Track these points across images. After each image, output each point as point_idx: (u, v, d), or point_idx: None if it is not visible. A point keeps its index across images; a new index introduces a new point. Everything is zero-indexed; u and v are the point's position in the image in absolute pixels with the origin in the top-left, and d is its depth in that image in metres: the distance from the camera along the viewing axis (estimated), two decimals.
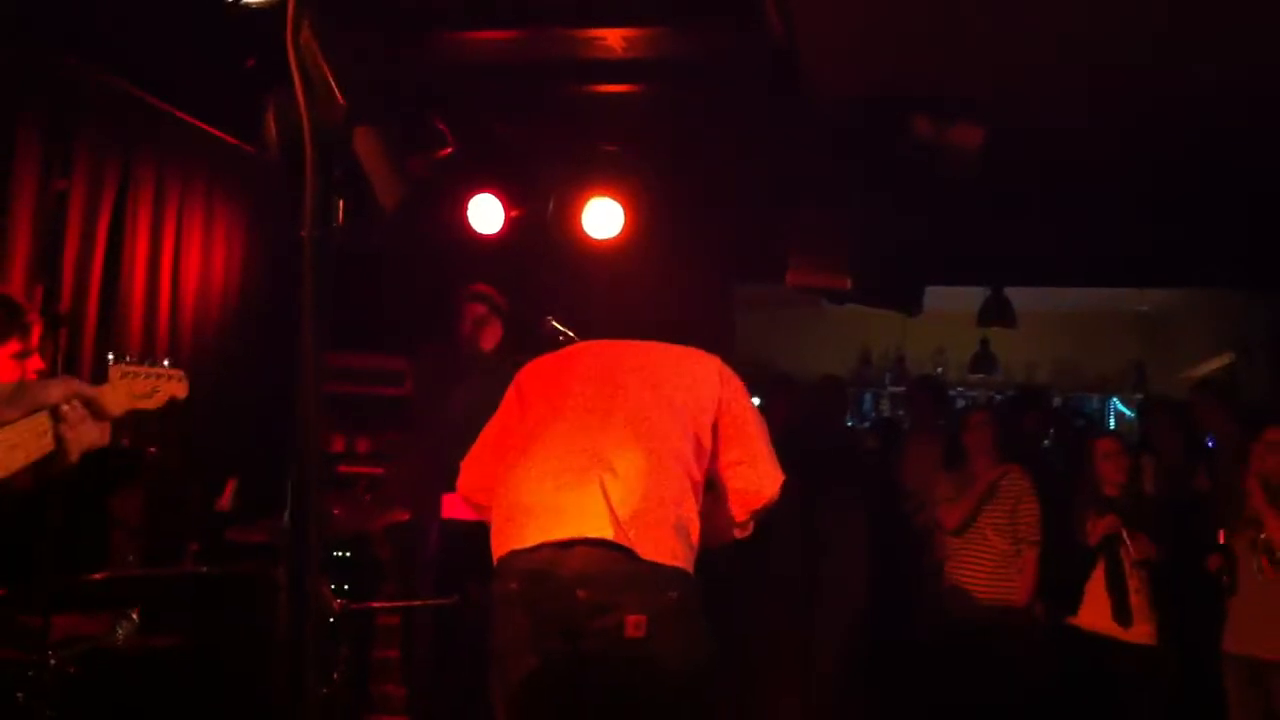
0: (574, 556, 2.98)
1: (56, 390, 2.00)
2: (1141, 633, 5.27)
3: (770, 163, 5.72)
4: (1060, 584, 5.65)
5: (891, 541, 6.13)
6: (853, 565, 5.90)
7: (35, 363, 3.45)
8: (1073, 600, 5.55)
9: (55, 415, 1.96)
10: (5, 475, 1.91)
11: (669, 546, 3.02)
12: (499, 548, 3.12)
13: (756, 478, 3.32)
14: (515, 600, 3.02)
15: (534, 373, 3.50)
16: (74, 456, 2.01)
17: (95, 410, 2.06)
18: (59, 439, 1.97)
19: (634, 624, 2.94)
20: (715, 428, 3.29)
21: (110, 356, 2.31)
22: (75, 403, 2.01)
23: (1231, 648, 4.91)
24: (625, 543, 2.96)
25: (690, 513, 3.13)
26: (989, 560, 5.56)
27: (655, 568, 2.99)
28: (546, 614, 2.98)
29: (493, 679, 3.08)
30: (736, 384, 3.39)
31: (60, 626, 3.51)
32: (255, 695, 4.06)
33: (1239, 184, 5.87)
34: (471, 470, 3.47)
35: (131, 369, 2.33)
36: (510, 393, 3.50)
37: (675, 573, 3.03)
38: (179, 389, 2.47)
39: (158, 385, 2.39)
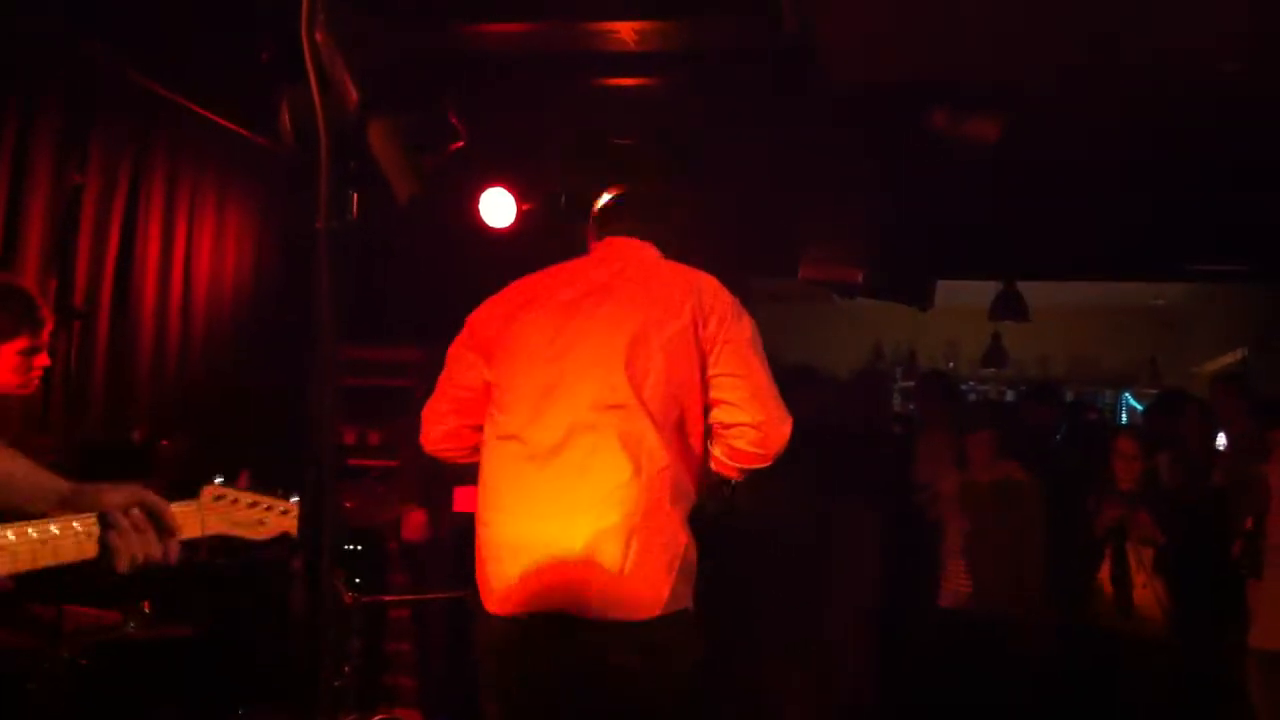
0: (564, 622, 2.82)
1: (118, 495, 1.83)
2: (1149, 627, 5.26)
3: (783, 156, 5.71)
4: (1070, 579, 5.66)
5: (906, 536, 6.12)
6: (863, 563, 5.90)
7: (42, 359, 3.43)
8: (1082, 595, 5.57)
9: (106, 521, 1.79)
10: (28, 569, 1.73)
11: (665, 583, 2.83)
12: (484, 579, 2.95)
13: (753, 420, 2.93)
14: (497, 635, 2.91)
15: (488, 321, 3.15)
16: (122, 567, 1.80)
17: (160, 524, 1.89)
18: (104, 545, 1.79)
19: (623, 649, 2.80)
20: (703, 365, 2.95)
21: (219, 479, 2.16)
22: (135, 511, 1.84)
23: (1256, 643, 4.90)
24: (621, 617, 2.78)
25: (685, 535, 2.92)
26: (993, 556, 5.58)
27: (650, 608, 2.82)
28: (529, 648, 2.86)
29: (485, 702, 2.98)
30: (723, 310, 2.99)
31: (72, 617, 3.53)
32: (268, 685, 4.07)
33: (1254, 179, 5.84)
34: (435, 426, 3.20)
35: (230, 492, 2.19)
36: (461, 345, 3.19)
37: (670, 601, 2.86)
38: (291, 525, 2.30)
39: (265, 517, 2.26)
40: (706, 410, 2.99)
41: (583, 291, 3.07)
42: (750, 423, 2.91)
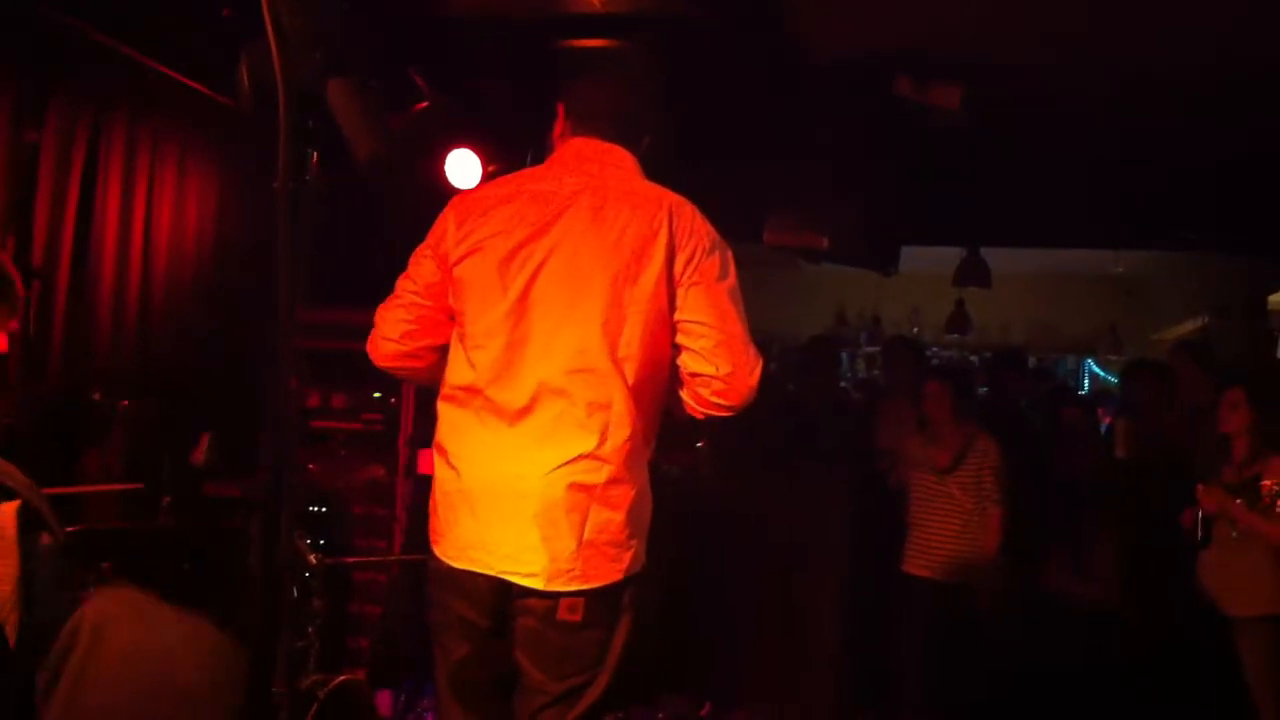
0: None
1: None
2: (1102, 593, 5.34)
3: (748, 120, 5.70)
4: (1033, 546, 5.74)
5: (874, 504, 6.17)
6: (836, 530, 5.95)
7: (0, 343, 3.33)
8: (1038, 561, 5.66)
9: None
10: None
11: (626, 550, 2.78)
12: (436, 526, 2.89)
13: (718, 372, 2.78)
14: (447, 580, 2.84)
15: (455, 243, 2.91)
16: None
17: None
18: None
19: (569, 607, 2.72)
20: (672, 306, 2.80)
21: None
22: None
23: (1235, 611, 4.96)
24: (562, 586, 2.72)
25: (645, 497, 2.85)
26: (956, 519, 5.63)
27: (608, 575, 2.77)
28: (478, 598, 2.79)
29: (435, 653, 2.93)
30: (695, 245, 2.81)
31: None
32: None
33: (1215, 149, 5.88)
34: (390, 342, 3.01)
35: None
36: (427, 257, 2.97)
37: (629, 564, 2.80)
38: None
39: None
40: (674, 349, 2.85)
41: (546, 223, 2.84)
42: (715, 374, 2.77)
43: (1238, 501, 4.77)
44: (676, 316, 2.81)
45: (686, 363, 2.83)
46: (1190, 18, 4.48)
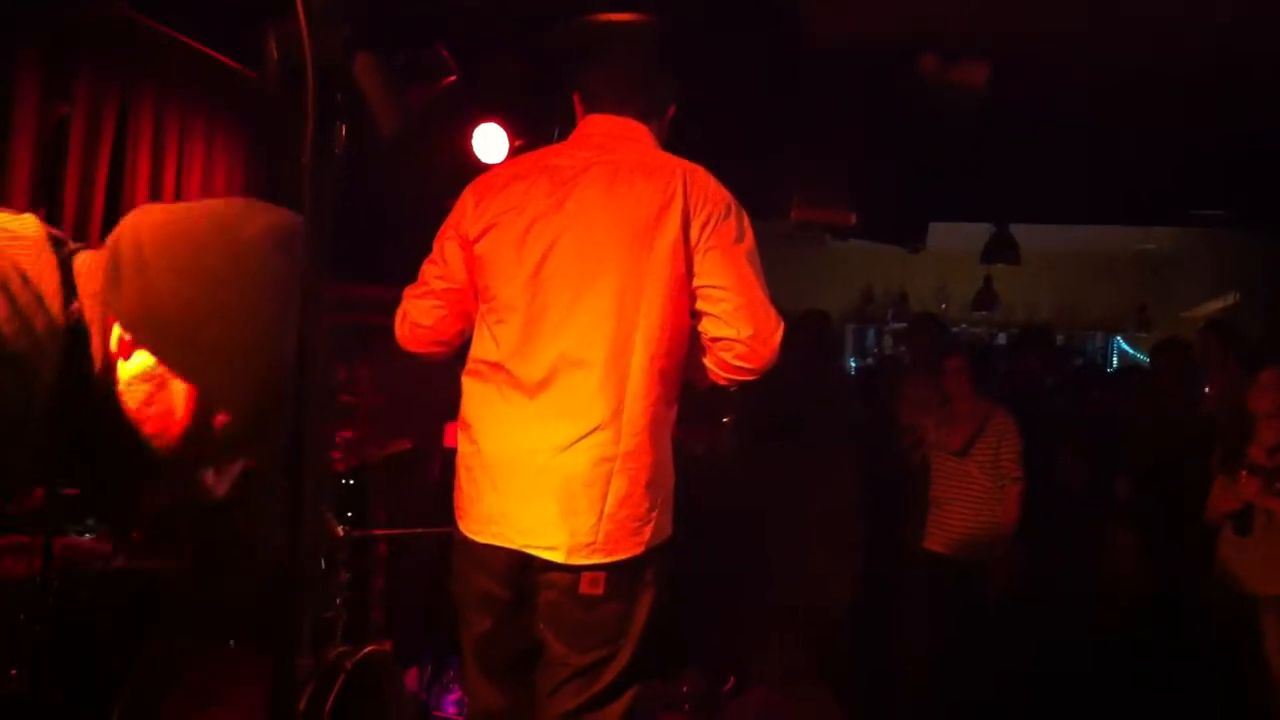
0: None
1: None
2: (1120, 575, 5.34)
3: (775, 97, 5.68)
4: (1045, 529, 5.74)
5: (886, 483, 6.16)
6: (843, 509, 5.95)
7: None
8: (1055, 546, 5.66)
9: None
10: None
11: (648, 523, 2.81)
12: (460, 501, 2.94)
13: (739, 335, 2.78)
14: (470, 554, 2.89)
15: (474, 219, 2.94)
16: None
17: None
18: None
19: (590, 581, 2.76)
20: (689, 273, 2.81)
21: None
22: None
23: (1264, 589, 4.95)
24: (581, 562, 2.75)
25: (666, 468, 2.87)
26: (973, 497, 5.63)
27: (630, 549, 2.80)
28: (500, 572, 2.84)
29: (460, 625, 2.99)
30: (710, 210, 2.81)
31: (62, 548, 3.54)
32: (254, 619, 4.10)
33: (1243, 124, 5.83)
34: (420, 328, 3.09)
35: None
36: (449, 239, 3.01)
37: (651, 537, 2.83)
38: None
39: None
40: (694, 315, 2.86)
41: (560, 197, 2.86)
42: (737, 337, 2.77)
43: (1277, 486, 4.76)
44: (695, 282, 2.81)
45: (707, 328, 2.84)
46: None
